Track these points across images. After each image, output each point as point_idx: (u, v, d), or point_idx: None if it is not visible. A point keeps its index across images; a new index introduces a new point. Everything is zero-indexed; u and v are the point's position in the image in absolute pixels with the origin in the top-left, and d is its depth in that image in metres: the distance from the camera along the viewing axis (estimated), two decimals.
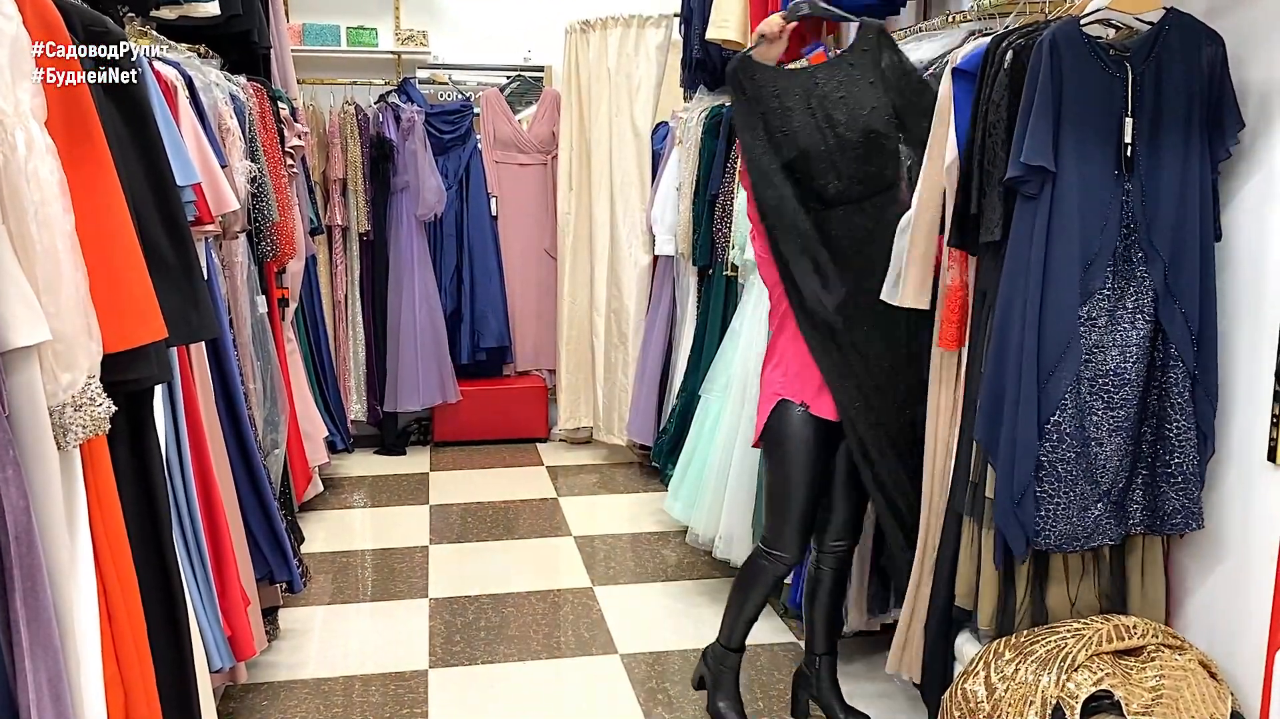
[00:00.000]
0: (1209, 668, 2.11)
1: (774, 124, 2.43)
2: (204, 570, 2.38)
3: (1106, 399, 2.15)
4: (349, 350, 5.32)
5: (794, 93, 2.44)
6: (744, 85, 2.46)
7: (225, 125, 2.96)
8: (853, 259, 2.46)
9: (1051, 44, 2.06)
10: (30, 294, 1.38)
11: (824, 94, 2.43)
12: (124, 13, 2.55)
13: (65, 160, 1.45)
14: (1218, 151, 2.13)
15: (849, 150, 2.41)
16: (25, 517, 1.37)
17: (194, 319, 1.78)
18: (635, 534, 4.26)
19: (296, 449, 3.89)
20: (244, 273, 3.11)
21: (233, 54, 3.54)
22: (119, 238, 1.55)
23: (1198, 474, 2.17)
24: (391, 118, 5.19)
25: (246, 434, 2.83)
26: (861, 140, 2.42)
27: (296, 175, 4.19)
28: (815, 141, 2.41)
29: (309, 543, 3.94)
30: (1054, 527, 2.15)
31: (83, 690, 1.47)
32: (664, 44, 5.06)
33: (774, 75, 2.47)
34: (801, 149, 2.41)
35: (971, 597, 2.30)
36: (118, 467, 1.65)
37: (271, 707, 2.86)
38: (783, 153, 2.42)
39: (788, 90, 2.44)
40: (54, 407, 1.43)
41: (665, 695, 2.92)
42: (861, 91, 2.44)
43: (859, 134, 2.41)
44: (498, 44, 5.71)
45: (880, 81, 2.46)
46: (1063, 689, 2.01)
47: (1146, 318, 2.15)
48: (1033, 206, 2.11)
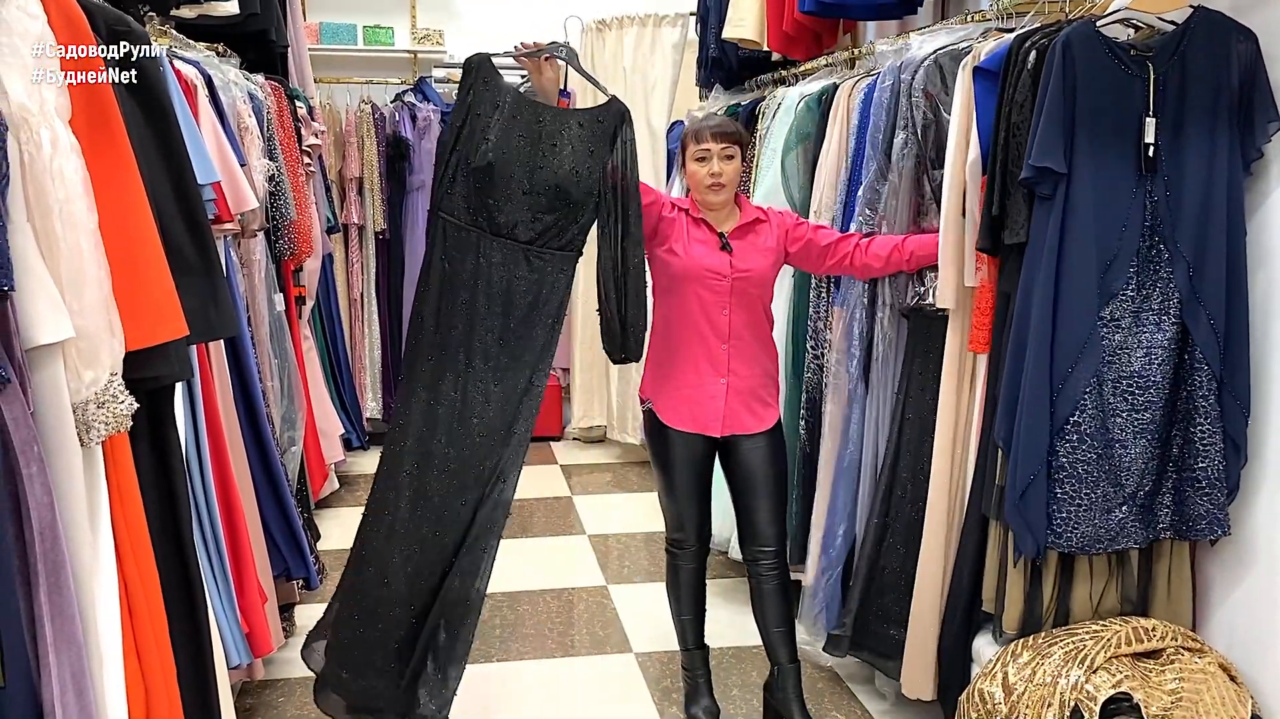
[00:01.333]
0: (1229, 671, 2.09)
1: (477, 128, 2.36)
2: (222, 567, 2.39)
3: (1131, 401, 2.13)
4: (365, 348, 5.34)
5: (515, 116, 2.37)
6: (473, 81, 2.39)
7: (244, 124, 2.98)
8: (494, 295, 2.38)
9: (1065, 45, 2.06)
10: (55, 292, 1.39)
11: (539, 133, 2.36)
12: (144, 12, 2.56)
13: (88, 158, 1.46)
14: (1249, 151, 2.11)
15: (535, 193, 2.35)
16: (49, 513, 1.38)
17: (214, 317, 1.79)
18: (649, 533, 4.25)
19: (313, 446, 3.91)
20: (262, 271, 3.13)
21: (250, 53, 3.55)
22: (141, 236, 1.55)
23: (1223, 480, 2.14)
24: (407, 117, 5.20)
25: (264, 431, 2.84)
26: (549, 191, 2.35)
27: (314, 174, 4.20)
28: (505, 165, 2.34)
29: (325, 540, 3.95)
30: (1075, 528, 2.14)
31: (104, 685, 1.48)
32: (680, 43, 5.06)
33: (506, 90, 2.39)
34: (490, 163, 2.34)
35: (996, 600, 2.29)
36: (139, 464, 1.66)
37: (288, 703, 2.87)
38: (474, 157, 2.35)
39: (512, 109, 2.37)
40: (77, 404, 1.44)
41: (679, 694, 2.92)
42: (576, 152, 2.37)
43: (551, 184, 2.35)
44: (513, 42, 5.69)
45: (599, 154, 2.39)
46: (1081, 691, 2.00)
47: (1172, 320, 2.13)
48: (1048, 207, 2.10)
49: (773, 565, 2.63)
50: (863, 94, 2.88)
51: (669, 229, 2.56)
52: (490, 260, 2.37)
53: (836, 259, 2.61)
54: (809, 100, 3.18)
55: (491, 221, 2.36)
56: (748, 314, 2.57)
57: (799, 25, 3.49)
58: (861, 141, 2.84)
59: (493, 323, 2.38)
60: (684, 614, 2.77)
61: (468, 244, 2.37)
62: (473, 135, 2.36)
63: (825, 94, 3.13)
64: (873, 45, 3.17)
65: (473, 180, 2.35)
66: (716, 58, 4.37)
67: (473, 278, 2.37)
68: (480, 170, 2.34)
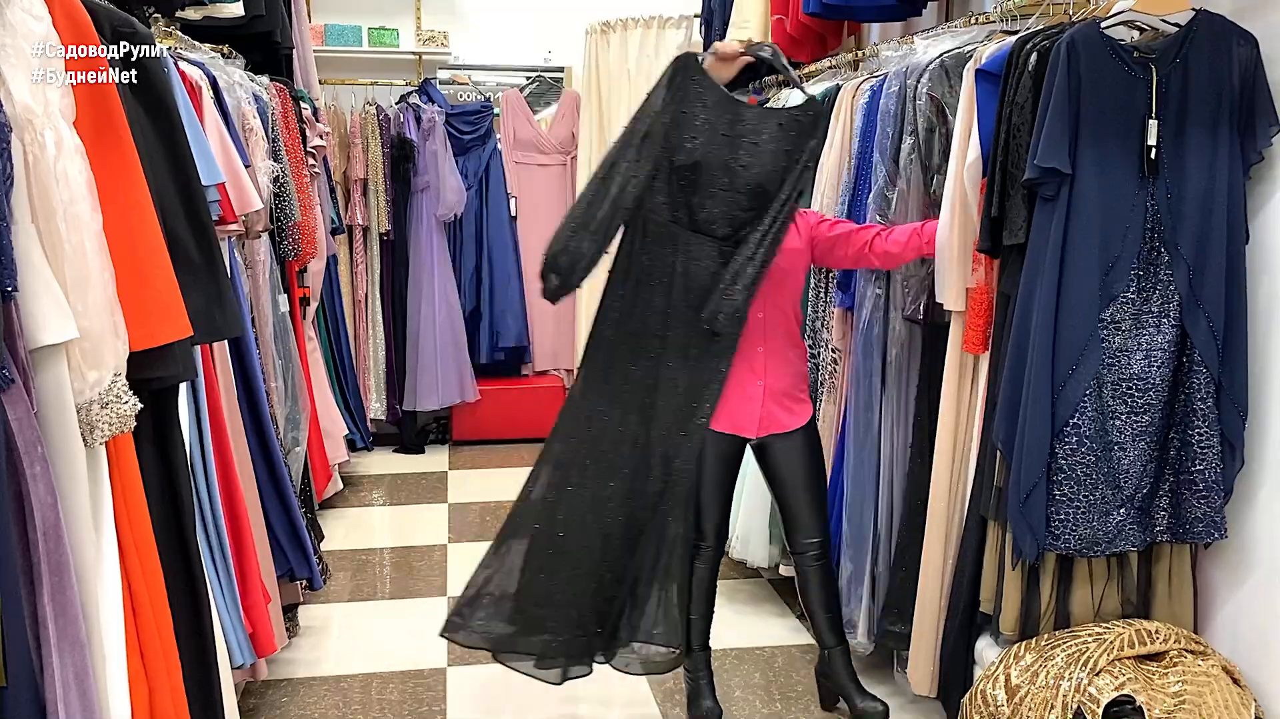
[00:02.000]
0: (1232, 674, 2.09)
1: (684, 126, 2.38)
2: (226, 567, 2.40)
3: (1130, 403, 2.13)
4: (369, 349, 5.35)
5: (718, 114, 2.39)
6: (681, 79, 2.40)
7: (249, 125, 2.99)
8: (691, 289, 2.42)
9: (1069, 46, 2.05)
10: (59, 292, 1.40)
11: (742, 132, 2.39)
12: (149, 13, 2.57)
13: (92, 159, 1.47)
14: (1249, 154, 2.11)
15: (735, 190, 2.39)
16: (53, 513, 1.39)
17: (218, 317, 1.80)
18: None
19: (317, 447, 3.91)
20: (266, 272, 3.13)
21: (255, 54, 3.56)
22: (145, 237, 1.56)
23: (1220, 483, 2.14)
24: (412, 118, 5.21)
25: (268, 432, 2.85)
26: (749, 189, 2.39)
27: (318, 175, 4.21)
28: (710, 162, 2.37)
29: (328, 540, 3.96)
30: (1074, 530, 2.14)
31: (108, 685, 1.48)
32: (684, 45, 5.06)
33: (712, 88, 2.41)
34: (696, 161, 2.37)
35: (994, 601, 2.29)
36: (143, 464, 1.67)
37: (291, 703, 2.87)
38: (678, 155, 2.38)
39: (715, 108, 2.39)
40: (81, 404, 1.44)
41: (683, 695, 2.92)
42: (775, 151, 2.40)
43: (752, 183, 2.39)
44: (518, 45, 5.72)
45: (795, 154, 2.42)
46: (1084, 693, 2.00)
47: (1172, 322, 2.13)
48: (1051, 208, 2.10)
49: (818, 554, 2.67)
50: (866, 96, 2.88)
51: None
52: (689, 255, 2.42)
53: (857, 248, 2.60)
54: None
55: (692, 218, 2.41)
56: (781, 315, 2.58)
57: (803, 27, 3.50)
58: (866, 144, 2.84)
59: (688, 315, 2.43)
60: (692, 614, 2.77)
61: (666, 239, 2.42)
62: (679, 133, 2.39)
63: (828, 96, 3.13)
64: (877, 47, 3.17)
65: (676, 178, 2.39)
66: None
67: (669, 273, 2.43)
68: (686, 168, 2.38)
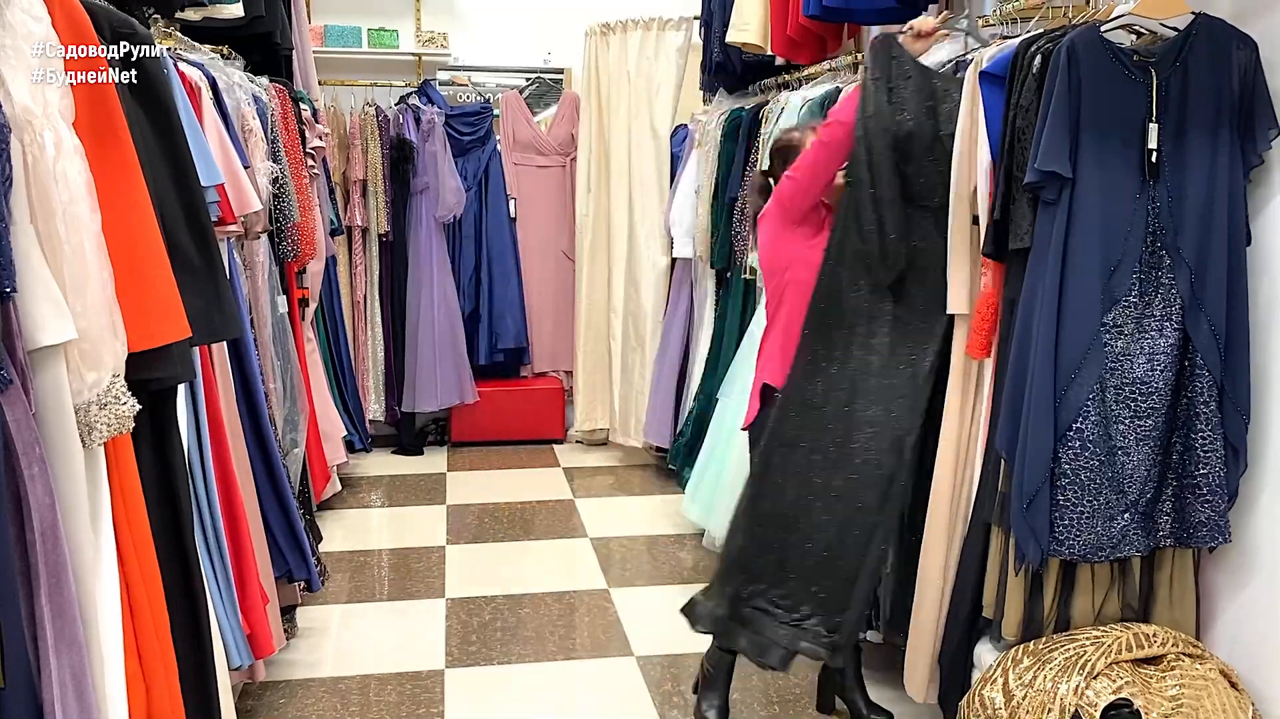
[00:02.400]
0: (1230, 677, 2.09)
1: (895, 100, 2.42)
2: (224, 568, 2.39)
3: (1133, 407, 2.13)
4: (368, 350, 5.35)
5: (920, 87, 2.44)
6: (886, 57, 2.45)
7: (248, 126, 2.98)
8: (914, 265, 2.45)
9: (1069, 50, 2.06)
10: (57, 293, 1.39)
11: (938, 100, 2.44)
12: (149, 14, 2.57)
13: (91, 160, 1.47)
14: (1250, 157, 2.11)
15: (938, 158, 2.42)
16: (51, 514, 1.39)
17: (217, 318, 1.80)
18: (651, 536, 4.25)
19: (315, 448, 3.91)
20: (265, 273, 3.13)
21: (255, 55, 3.56)
22: (144, 237, 1.56)
23: (1224, 487, 2.14)
24: (412, 119, 5.21)
25: (267, 433, 2.84)
26: (947, 156, 2.41)
27: (317, 176, 4.21)
28: (921, 132, 2.41)
29: (327, 542, 3.96)
30: (1077, 536, 2.13)
31: (105, 686, 1.48)
32: (684, 47, 5.06)
33: (910, 60, 2.46)
34: (910, 131, 2.41)
35: (997, 606, 2.28)
36: (141, 465, 1.67)
37: (289, 705, 2.87)
38: (894, 127, 2.41)
39: (918, 79, 2.44)
40: (79, 405, 1.44)
41: (680, 698, 2.92)
42: (954, 108, 2.44)
43: (949, 150, 2.41)
44: (518, 46, 5.72)
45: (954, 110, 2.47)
46: (1081, 697, 2.00)
47: (1175, 326, 2.13)
48: (1052, 212, 2.10)
49: None
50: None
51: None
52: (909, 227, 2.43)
53: None
54: (812, 105, 3.20)
55: (906, 189, 2.43)
56: None
57: (803, 29, 3.50)
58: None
59: (912, 289, 2.45)
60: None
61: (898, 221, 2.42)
62: (894, 108, 2.42)
63: (828, 98, 3.13)
64: None
65: (892, 150, 2.41)
66: (721, 62, 4.37)
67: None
68: (902, 139, 2.40)
